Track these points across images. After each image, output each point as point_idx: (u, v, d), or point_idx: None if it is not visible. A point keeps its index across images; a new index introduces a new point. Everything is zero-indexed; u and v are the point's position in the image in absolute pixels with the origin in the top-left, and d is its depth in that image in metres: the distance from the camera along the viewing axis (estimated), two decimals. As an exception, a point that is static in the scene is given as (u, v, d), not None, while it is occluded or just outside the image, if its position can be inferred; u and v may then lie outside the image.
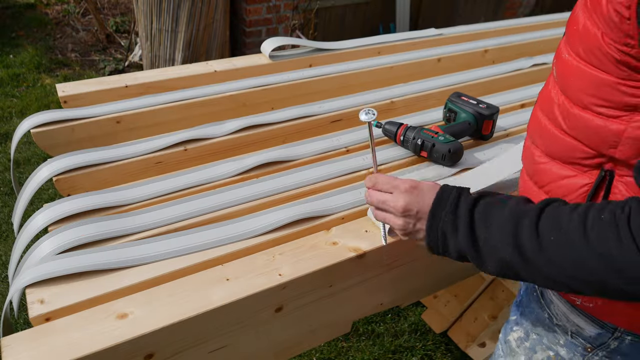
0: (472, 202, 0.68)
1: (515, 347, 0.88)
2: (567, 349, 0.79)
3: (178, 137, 1.10)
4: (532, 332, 0.85)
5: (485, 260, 0.66)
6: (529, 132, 0.81)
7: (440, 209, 0.70)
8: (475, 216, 0.67)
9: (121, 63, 3.57)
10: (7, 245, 2.16)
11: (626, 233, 0.55)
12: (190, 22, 2.96)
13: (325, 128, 1.26)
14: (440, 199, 0.71)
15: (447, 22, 4.37)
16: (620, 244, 0.55)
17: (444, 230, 0.69)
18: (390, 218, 0.77)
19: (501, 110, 1.37)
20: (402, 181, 0.76)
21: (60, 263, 0.78)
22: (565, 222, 0.60)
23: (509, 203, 0.66)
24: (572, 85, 0.66)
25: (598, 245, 0.56)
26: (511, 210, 0.65)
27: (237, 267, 0.82)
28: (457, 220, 0.68)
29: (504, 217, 0.64)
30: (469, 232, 0.67)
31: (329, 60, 1.52)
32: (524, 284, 0.91)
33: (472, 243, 0.67)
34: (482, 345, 1.69)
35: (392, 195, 0.76)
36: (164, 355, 0.75)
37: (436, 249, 0.72)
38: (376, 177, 0.79)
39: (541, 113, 0.75)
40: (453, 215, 0.68)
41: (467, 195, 0.70)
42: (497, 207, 0.66)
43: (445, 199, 0.70)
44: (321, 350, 1.79)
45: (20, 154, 2.67)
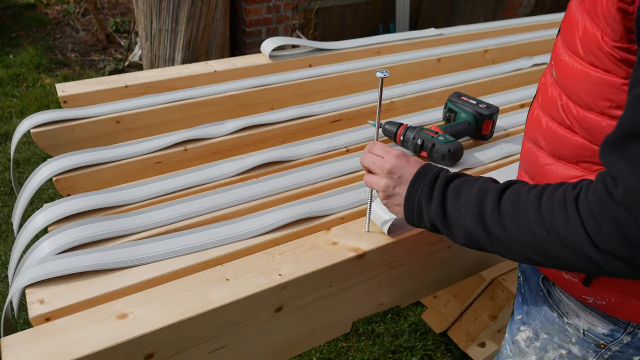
0: (449, 178, 0.74)
1: (525, 347, 0.88)
2: (580, 347, 0.80)
3: (178, 137, 1.10)
4: (541, 331, 0.85)
5: (453, 230, 0.72)
6: (528, 134, 0.80)
7: (420, 179, 0.75)
8: (448, 191, 0.72)
9: (121, 63, 3.57)
10: (7, 245, 2.16)
11: (573, 211, 0.58)
12: (190, 22, 2.96)
13: (325, 128, 1.26)
14: (421, 171, 0.76)
15: (447, 22, 4.37)
16: (567, 221, 0.59)
17: (419, 200, 0.75)
18: (375, 179, 0.81)
19: (501, 110, 1.37)
20: (394, 149, 0.81)
21: (60, 263, 0.78)
22: (524, 198, 0.64)
23: (479, 181, 0.71)
24: (574, 87, 0.66)
25: (548, 221, 0.61)
26: (479, 186, 0.69)
27: (237, 267, 0.82)
28: (432, 193, 0.73)
29: (472, 192, 0.69)
30: (440, 203, 0.72)
31: (329, 60, 1.52)
32: (524, 283, 0.90)
33: (442, 215, 0.72)
34: (482, 345, 1.69)
35: (383, 158, 0.81)
36: (164, 355, 0.75)
37: (411, 218, 0.77)
38: (374, 144, 0.84)
39: (543, 113, 0.75)
40: (429, 188, 0.74)
41: (445, 172, 0.76)
42: (468, 184, 0.71)
43: (427, 173, 0.76)
44: (321, 350, 1.79)
45: (20, 154, 2.67)
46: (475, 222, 0.68)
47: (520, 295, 0.92)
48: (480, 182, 0.70)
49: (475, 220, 0.68)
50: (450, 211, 0.71)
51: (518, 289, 0.95)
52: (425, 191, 0.74)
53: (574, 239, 0.58)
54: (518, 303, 0.92)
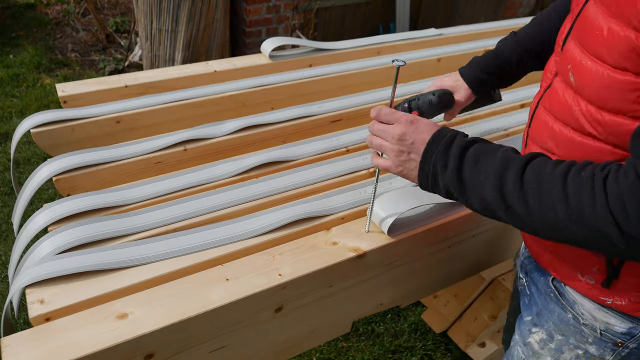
0: (466, 143, 0.71)
1: (539, 349, 0.88)
2: (597, 346, 0.80)
3: (178, 137, 1.10)
4: (556, 333, 0.84)
5: (469, 197, 0.70)
6: (535, 139, 0.78)
7: (435, 144, 0.73)
8: (466, 157, 0.70)
9: (121, 63, 3.57)
10: (7, 245, 2.16)
11: (601, 192, 0.58)
12: (190, 22, 2.96)
13: (325, 128, 1.26)
14: (436, 136, 0.73)
15: (447, 22, 4.37)
16: (594, 201, 0.58)
17: (435, 165, 0.72)
18: (386, 145, 0.78)
19: (501, 110, 1.37)
20: (403, 114, 0.78)
21: (60, 263, 0.78)
22: (548, 173, 0.63)
23: (500, 150, 0.69)
24: (600, 93, 0.64)
25: (573, 199, 0.60)
26: (501, 156, 0.67)
27: (237, 267, 0.82)
28: (448, 158, 0.71)
29: (493, 162, 0.67)
30: (456, 169, 0.70)
31: (329, 60, 1.52)
32: (530, 284, 0.90)
33: (458, 181, 0.70)
34: (482, 345, 1.69)
35: (393, 125, 0.78)
36: (164, 355, 0.75)
37: (425, 182, 0.75)
38: (380, 109, 0.81)
39: (553, 119, 0.73)
40: (444, 153, 0.71)
41: (461, 137, 0.73)
42: (488, 152, 0.69)
43: (441, 137, 0.73)
44: (321, 350, 1.79)
45: (20, 154, 2.67)
46: (494, 194, 0.66)
47: (526, 297, 0.91)
48: (501, 152, 0.68)
49: (494, 192, 0.66)
50: (468, 178, 0.69)
51: (522, 290, 0.94)
52: (440, 157, 0.71)
53: (598, 219, 0.58)
54: (525, 304, 0.92)
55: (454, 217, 0.95)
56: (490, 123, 1.28)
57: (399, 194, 0.92)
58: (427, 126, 0.75)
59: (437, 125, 0.76)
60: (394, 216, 0.87)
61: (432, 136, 0.73)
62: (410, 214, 0.94)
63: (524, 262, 0.93)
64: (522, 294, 0.94)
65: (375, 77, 1.48)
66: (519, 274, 0.96)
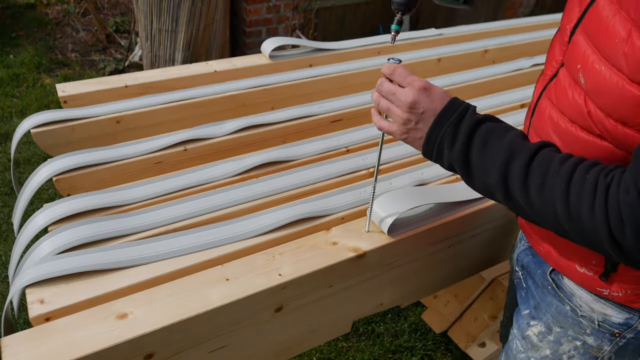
0: (476, 122, 0.69)
1: (537, 341, 0.88)
2: (595, 337, 0.80)
3: (178, 137, 1.10)
4: (554, 325, 0.85)
5: (472, 179, 0.70)
6: (537, 129, 0.77)
7: (445, 118, 0.71)
8: (475, 138, 0.69)
9: (121, 63, 3.57)
10: (7, 245, 2.16)
11: (601, 203, 0.58)
12: (190, 22, 2.96)
13: (325, 128, 1.26)
14: (447, 109, 0.71)
15: (447, 22, 4.37)
16: (592, 210, 0.59)
17: (442, 140, 0.71)
18: (394, 110, 0.75)
19: (501, 110, 1.37)
20: (417, 79, 0.74)
21: (60, 263, 0.78)
22: (554, 170, 0.63)
23: (509, 135, 0.68)
24: (612, 102, 0.62)
25: (574, 203, 0.61)
26: (510, 143, 0.67)
27: (237, 267, 0.82)
28: (456, 136, 0.69)
29: (501, 148, 0.66)
30: (464, 150, 0.69)
31: (329, 60, 1.52)
32: (527, 277, 0.90)
33: (464, 161, 0.69)
34: (482, 345, 1.69)
35: (404, 89, 0.74)
36: (164, 355, 0.75)
37: (430, 154, 0.74)
38: (395, 67, 0.77)
39: (559, 114, 0.72)
40: (454, 130, 0.70)
41: (472, 113, 0.71)
42: (496, 134, 0.68)
43: (452, 111, 0.71)
44: (321, 350, 1.79)
45: (20, 154, 2.67)
46: (497, 180, 0.66)
47: (523, 290, 0.92)
48: (510, 137, 0.67)
49: (498, 179, 0.66)
50: (474, 160, 0.68)
51: (518, 284, 0.94)
52: (449, 132, 0.70)
53: (595, 226, 0.59)
54: (522, 297, 0.92)
55: (454, 217, 0.95)
56: (490, 123, 1.27)
57: (398, 194, 0.92)
58: (440, 95, 0.72)
59: (449, 95, 0.73)
60: (393, 216, 0.87)
61: (443, 108, 0.71)
62: (410, 213, 0.94)
63: (520, 255, 0.93)
64: (518, 287, 0.94)
65: (375, 77, 1.48)
66: (514, 267, 0.96)
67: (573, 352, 0.83)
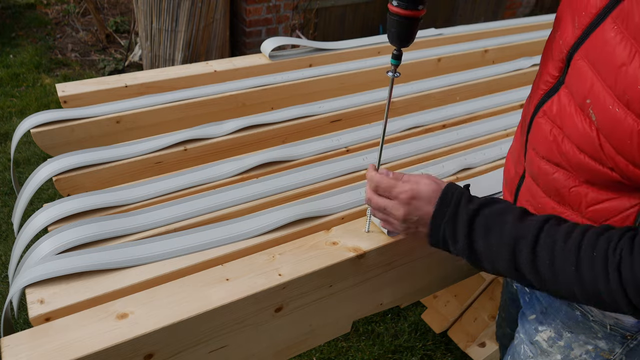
0: (471, 214, 0.70)
1: (547, 347, 0.88)
2: (606, 341, 0.80)
3: (178, 137, 1.10)
4: (564, 330, 0.84)
5: (484, 266, 0.72)
6: (540, 151, 0.74)
7: (440, 219, 0.73)
8: (475, 232, 0.70)
9: (121, 63, 3.57)
10: (7, 245, 2.16)
11: (615, 280, 0.59)
12: (190, 22, 2.96)
13: (325, 128, 1.26)
14: (438, 210, 0.73)
15: (447, 22, 4.37)
16: (608, 285, 0.60)
17: (445, 239, 0.73)
18: (391, 221, 0.80)
19: (501, 110, 1.37)
20: (401, 190, 0.76)
21: (60, 263, 0.78)
22: (559, 249, 0.63)
23: (508, 219, 0.68)
24: (627, 144, 0.58)
25: (589, 282, 0.61)
26: (511, 229, 0.67)
27: (237, 267, 0.82)
28: (456, 233, 0.71)
29: (504, 234, 0.67)
30: (468, 243, 0.70)
31: (329, 60, 1.52)
32: None
33: (471, 253, 0.71)
34: (482, 345, 1.69)
35: (393, 203, 0.78)
36: (164, 355, 0.75)
37: (440, 248, 0.77)
38: (377, 182, 0.79)
39: (566, 140, 0.69)
40: (452, 228, 0.71)
41: (465, 204, 0.72)
42: (497, 222, 0.69)
43: (445, 209, 0.72)
44: (321, 350, 1.79)
45: (20, 154, 2.67)
46: (507, 266, 0.68)
47: (526, 294, 0.91)
48: (510, 222, 0.67)
49: (508, 265, 0.68)
50: (480, 251, 0.70)
51: (520, 288, 0.94)
52: (449, 231, 0.72)
53: (614, 302, 0.60)
54: (526, 302, 0.91)
55: (454, 217, 0.95)
56: (491, 123, 1.28)
57: (399, 194, 0.92)
58: (428, 197, 0.74)
59: (437, 188, 0.74)
60: (394, 216, 0.87)
61: (435, 210, 0.73)
62: (410, 214, 0.94)
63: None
64: (520, 292, 0.94)
65: (375, 77, 1.48)
66: None
67: (585, 355, 0.83)
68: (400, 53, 0.77)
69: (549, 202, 0.76)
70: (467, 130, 1.24)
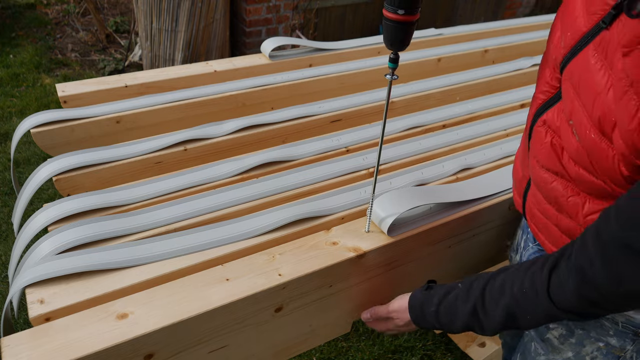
0: (432, 314, 0.84)
1: (559, 344, 0.88)
2: (618, 338, 0.80)
3: (178, 137, 1.10)
4: (576, 328, 0.85)
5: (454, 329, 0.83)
6: (542, 161, 0.76)
7: (416, 323, 0.87)
8: (441, 323, 0.83)
9: (121, 63, 3.57)
10: (7, 245, 2.16)
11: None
12: (190, 22, 2.96)
13: (325, 128, 1.26)
14: (414, 321, 0.87)
15: (447, 22, 4.37)
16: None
17: (430, 327, 0.87)
18: (393, 330, 0.94)
19: (501, 110, 1.37)
20: (384, 316, 0.92)
21: (60, 263, 0.78)
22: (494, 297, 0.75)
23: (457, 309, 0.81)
24: (603, 165, 0.63)
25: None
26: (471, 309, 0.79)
27: (237, 267, 0.82)
28: (429, 326, 0.87)
29: (465, 308, 0.79)
30: (435, 322, 0.83)
31: (329, 60, 1.52)
32: None
33: (440, 325, 0.84)
34: (482, 345, 1.69)
35: (387, 324, 0.93)
36: (164, 355, 0.75)
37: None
38: (370, 319, 0.97)
39: (563, 152, 0.71)
40: (426, 326, 0.87)
41: (428, 308, 0.85)
42: (458, 299, 0.81)
43: (418, 321, 0.87)
44: (321, 350, 1.79)
45: (20, 154, 2.67)
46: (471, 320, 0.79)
47: None
48: (461, 314, 0.79)
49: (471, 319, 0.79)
50: (454, 329, 0.82)
51: None
52: (428, 326, 0.86)
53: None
54: None
55: (454, 217, 0.95)
56: (491, 123, 1.28)
57: (398, 194, 0.92)
58: (403, 309, 0.88)
59: (405, 302, 0.88)
60: (393, 216, 0.88)
61: (410, 317, 0.87)
62: (410, 213, 0.94)
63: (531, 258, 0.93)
64: None
65: (375, 77, 1.48)
66: None
67: (596, 352, 0.84)
68: (397, 56, 0.78)
69: (550, 209, 0.78)
70: (467, 130, 1.24)
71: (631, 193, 0.58)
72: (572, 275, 0.64)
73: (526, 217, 0.88)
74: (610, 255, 0.59)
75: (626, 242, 0.57)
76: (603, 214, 0.62)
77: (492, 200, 0.99)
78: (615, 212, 0.59)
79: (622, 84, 0.57)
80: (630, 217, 0.57)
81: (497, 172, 1.06)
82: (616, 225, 0.58)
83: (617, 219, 0.59)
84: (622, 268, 0.58)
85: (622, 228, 0.57)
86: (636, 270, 0.57)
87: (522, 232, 0.99)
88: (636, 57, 0.55)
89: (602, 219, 0.62)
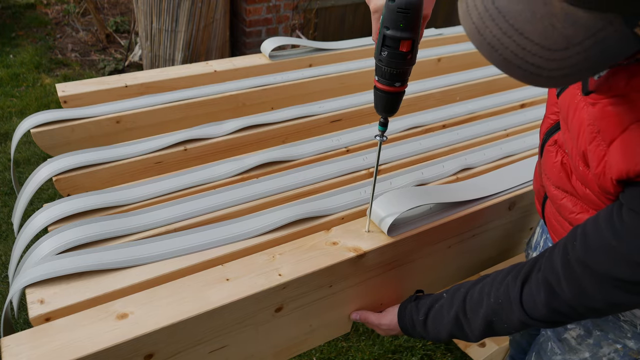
0: (423, 318, 0.87)
1: (576, 344, 0.89)
2: (635, 340, 0.81)
3: (178, 137, 1.10)
4: (594, 329, 0.86)
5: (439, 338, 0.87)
6: (552, 180, 0.79)
7: (404, 331, 0.91)
8: (428, 331, 0.86)
9: (121, 63, 3.56)
10: (7, 245, 2.16)
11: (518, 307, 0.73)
12: (190, 22, 2.96)
13: (325, 128, 1.26)
14: (402, 328, 0.91)
15: (447, 22, 4.37)
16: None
17: (419, 337, 0.91)
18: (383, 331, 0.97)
19: (501, 110, 1.37)
20: (377, 324, 0.95)
21: (60, 263, 0.78)
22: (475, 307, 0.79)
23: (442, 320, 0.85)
24: (594, 192, 0.68)
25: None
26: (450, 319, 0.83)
27: (237, 267, 0.82)
28: (418, 334, 0.90)
29: (449, 317, 0.82)
30: (423, 331, 0.87)
31: (329, 60, 1.52)
32: None
33: (439, 339, 0.88)
34: (482, 345, 1.69)
35: (378, 327, 0.96)
36: (164, 355, 0.75)
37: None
38: (362, 322, 0.99)
39: (571, 172, 0.74)
40: (415, 334, 0.90)
41: (417, 318, 0.88)
42: (443, 308, 0.85)
43: (407, 328, 0.90)
44: (321, 350, 1.79)
45: (20, 154, 2.67)
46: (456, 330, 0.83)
47: None
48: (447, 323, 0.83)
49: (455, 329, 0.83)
50: (433, 333, 0.86)
51: None
52: (417, 336, 0.90)
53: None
54: None
55: (454, 217, 0.95)
56: (491, 123, 1.28)
57: (398, 194, 0.92)
58: (390, 324, 0.92)
59: (395, 313, 0.92)
60: (393, 216, 0.87)
61: (400, 327, 0.91)
62: (410, 213, 0.94)
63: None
64: None
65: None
66: None
67: (613, 354, 0.84)
68: (387, 121, 0.83)
69: (564, 222, 0.80)
70: (467, 130, 1.24)
71: (599, 217, 0.63)
72: (542, 288, 0.69)
73: (545, 223, 0.90)
74: (574, 273, 0.64)
75: (587, 264, 0.63)
76: (572, 232, 0.67)
77: (492, 200, 0.99)
78: (581, 237, 0.64)
79: (591, 129, 0.63)
80: (592, 247, 0.63)
81: (497, 172, 1.06)
82: (581, 250, 0.64)
83: (583, 244, 0.64)
84: (583, 284, 0.64)
85: (586, 254, 0.63)
86: (595, 288, 0.63)
87: (541, 232, 1.01)
88: (600, 109, 0.61)
89: (570, 238, 0.67)
